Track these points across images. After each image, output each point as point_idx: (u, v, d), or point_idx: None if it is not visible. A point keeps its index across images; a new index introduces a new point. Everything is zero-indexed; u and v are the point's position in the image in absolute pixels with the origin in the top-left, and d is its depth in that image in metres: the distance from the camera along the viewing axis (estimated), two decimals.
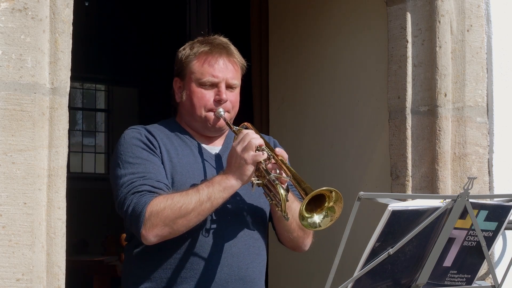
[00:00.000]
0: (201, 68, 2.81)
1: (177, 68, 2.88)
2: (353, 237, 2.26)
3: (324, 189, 2.44)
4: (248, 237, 2.78)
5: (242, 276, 2.74)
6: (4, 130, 2.54)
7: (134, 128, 2.81)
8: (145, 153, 2.73)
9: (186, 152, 2.80)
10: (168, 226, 2.59)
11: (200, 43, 2.87)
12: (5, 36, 2.56)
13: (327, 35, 4.38)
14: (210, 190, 2.59)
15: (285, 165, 2.61)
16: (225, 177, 2.62)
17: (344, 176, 4.16)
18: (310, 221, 2.46)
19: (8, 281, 2.52)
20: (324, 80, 4.40)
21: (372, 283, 2.33)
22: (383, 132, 3.80)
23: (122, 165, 2.71)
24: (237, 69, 2.86)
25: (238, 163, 2.60)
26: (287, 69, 4.69)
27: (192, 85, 2.81)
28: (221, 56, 2.82)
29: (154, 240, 2.61)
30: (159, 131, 2.82)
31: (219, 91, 2.79)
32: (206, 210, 2.60)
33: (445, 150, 3.56)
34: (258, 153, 2.60)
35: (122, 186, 2.67)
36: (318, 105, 4.42)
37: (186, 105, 2.84)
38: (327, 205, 2.46)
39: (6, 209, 2.53)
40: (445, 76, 3.58)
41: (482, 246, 2.46)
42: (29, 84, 2.58)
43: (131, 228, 2.66)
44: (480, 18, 3.71)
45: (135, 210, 2.61)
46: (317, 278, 4.05)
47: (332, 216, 2.46)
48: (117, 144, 2.78)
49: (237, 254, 2.74)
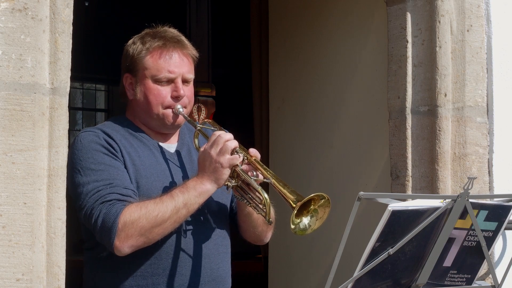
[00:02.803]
0: (156, 64, 2.72)
1: (128, 64, 2.78)
2: (353, 237, 2.26)
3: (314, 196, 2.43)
4: (217, 236, 2.73)
5: (215, 277, 2.70)
6: (4, 130, 2.54)
7: (90, 131, 2.69)
8: (107, 158, 2.62)
9: (147, 153, 2.71)
10: (144, 236, 2.51)
11: (152, 37, 2.77)
12: (5, 36, 2.55)
13: (327, 35, 4.38)
14: (185, 196, 2.53)
15: (262, 167, 2.57)
16: (199, 182, 2.55)
17: (344, 176, 4.17)
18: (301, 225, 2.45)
19: (8, 281, 2.52)
20: (324, 80, 4.40)
21: (372, 283, 2.33)
22: (383, 132, 3.80)
23: (83, 172, 2.60)
24: (191, 61, 2.79)
25: (213, 167, 2.53)
26: (287, 69, 4.69)
27: (147, 82, 2.72)
28: (175, 50, 2.74)
29: (128, 251, 2.53)
30: (116, 132, 2.71)
31: (176, 87, 2.72)
32: (182, 217, 2.54)
33: (445, 150, 3.56)
34: (234, 156, 2.54)
35: (87, 195, 2.57)
36: (318, 105, 4.42)
37: (141, 103, 2.75)
38: (312, 208, 2.45)
39: (6, 209, 2.53)
40: (445, 76, 3.58)
41: (482, 246, 2.46)
42: (29, 84, 2.58)
43: (102, 240, 2.56)
44: (480, 18, 3.71)
45: (106, 221, 2.51)
46: (317, 278, 4.05)
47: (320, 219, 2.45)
48: (72, 149, 2.65)
49: (208, 255, 2.69)
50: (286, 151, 4.61)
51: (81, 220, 2.62)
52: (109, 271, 2.67)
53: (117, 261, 2.61)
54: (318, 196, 2.43)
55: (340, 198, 3.99)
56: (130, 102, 2.81)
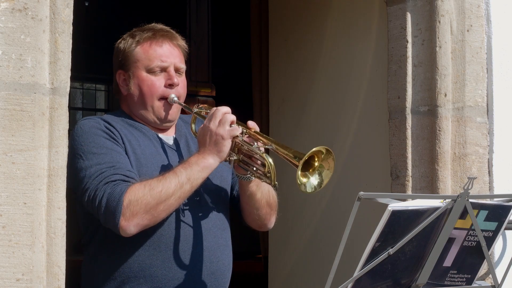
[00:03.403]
0: (147, 54, 2.74)
1: (119, 60, 2.80)
2: (353, 237, 2.26)
3: (315, 150, 2.43)
4: (216, 228, 2.73)
5: (214, 270, 2.69)
6: (4, 130, 2.54)
7: (89, 119, 2.71)
8: (108, 142, 2.63)
9: (147, 143, 2.73)
10: (149, 213, 2.50)
11: (141, 31, 2.80)
12: (5, 36, 2.55)
13: (327, 35, 4.38)
14: (188, 172, 2.52)
15: (262, 136, 2.57)
16: (201, 157, 2.55)
17: (344, 176, 4.16)
18: (309, 184, 2.45)
19: (8, 281, 2.52)
20: (324, 80, 4.40)
21: (372, 283, 2.33)
22: (383, 132, 3.80)
23: (85, 156, 2.60)
24: (182, 53, 2.80)
25: (214, 140, 2.54)
26: (287, 69, 4.68)
27: (140, 73, 2.74)
28: (165, 40, 2.76)
29: (134, 230, 2.51)
30: (116, 122, 2.73)
31: (169, 75, 2.73)
32: (186, 192, 2.53)
33: (445, 150, 3.55)
34: (234, 127, 2.55)
35: (90, 178, 2.56)
36: (318, 105, 4.42)
37: (136, 95, 2.76)
38: (318, 165, 2.45)
39: (6, 209, 2.53)
40: (445, 76, 3.58)
41: (482, 246, 2.45)
42: (29, 84, 2.58)
43: (107, 221, 2.54)
44: (480, 18, 3.71)
45: (110, 200, 2.50)
46: (317, 278, 4.05)
47: (327, 173, 2.46)
48: (73, 136, 2.66)
49: (208, 248, 2.68)
50: None
51: (85, 206, 2.61)
52: (106, 264, 2.67)
53: (115, 252, 2.62)
54: (318, 151, 2.43)
55: (340, 198, 3.99)
56: (124, 97, 2.82)
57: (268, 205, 2.74)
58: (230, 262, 2.79)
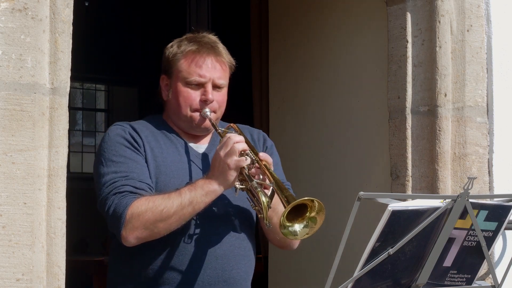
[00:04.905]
0: (188, 67, 2.77)
1: (164, 65, 2.85)
2: (353, 237, 2.25)
3: (306, 199, 2.43)
4: (234, 238, 2.75)
5: (226, 278, 2.72)
6: (4, 130, 2.54)
7: (119, 125, 2.77)
8: (128, 151, 2.70)
9: (171, 150, 2.77)
10: (148, 229, 2.57)
11: (188, 41, 2.83)
12: (5, 36, 2.55)
13: (327, 35, 4.38)
14: (192, 195, 2.57)
15: (268, 171, 2.59)
16: (208, 182, 2.59)
17: (344, 176, 4.17)
18: (291, 229, 2.45)
19: (8, 281, 2.52)
20: (324, 80, 4.40)
21: (372, 283, 2.33)
22: (383, 132, 3.80)
23: (105, 163, 2.69)
24: (225, 68, 2.84)
25: (221, 168, 2.57)
26: (287, 69, 4.68)
27: (179, 84, 2.78)
28: (208, 56, 2.79)
29: (134, 242, 2.60)
30: (145, 127, 2.79)
31: (205, 91, 2.77)
32: (187, 214, 2.58)
33: (445, 150, 3.56)
34: (241, 158, 2.57)
35: (104, 185, 2.66)
36: (318, 105, 4.42)
37: (172, 104, 2.81)
38: (308, 215, 2.46)
39: (6, 209, 2.53)
40: (445, 76, 3.58)
41: (482, 246, 2.45)
42: (29, 84, 2.58)
43: (112, 229, 2.65)
44: (480, 18, 3.71)
45: (116, 211, 2.59)
46: (317, 278, 4.05)
47: (312, 228, 2.45)
48: (101, 141, 2.76)
49: (222, 256, 2.71)
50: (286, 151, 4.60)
51: (98, 208, 2.70)
52: (125, 260, 2.74)
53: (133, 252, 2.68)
54: (310, 200, 2.43)
55: (340, 198, 3.99)
56: (165, 103, 2.88)
57: None
58: (248, 272, 2.83)
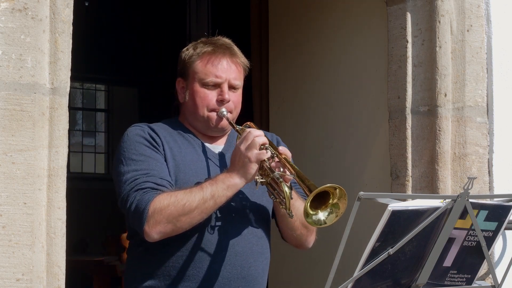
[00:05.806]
0: (204, 68, 2.82)
1: (180, 68, 2.90)
2: (353, 237, 2.26)
3: (328, 186, 2.46)
4: (252, 235, 2.79)
5: (245, 275, 2.75)
6: (4, 130, 2.54)
7: (137, 126, 2.82)
8: (148, 150, 2.75)
9: (189, 150, 2.82)
10: (171, 223, 2.60)
11: (204, 44, 2.89)
12: (5, 36, 2.56)
13: (327, 35, 4.38)
14: (213, 188, 2.61)
15: (288, 163, 2.62)
16: (229, 176, 2.63)
17: (344, 176, 4.16)
18: (315, 218, 2.48)
19: (8, 281, 2.52)
20: (324, 80, 4.40)
21: (372, 283, 2.33)
22: (383, 132, 3.80)
23: (125, 162, 2.73)
24: (240, 70, 2.88)
25: (242, 161, 2.61)
26: (287, 69, 4.69)
27: (195, 85, 2.82)
28: (224, 57, 2.84)
29: (157, 237, 2.63)
30: (162, 129, 2.84)
31: (221, 91, 2.81)
32: (209, 208, 2.62)
33: (445, 150, 3.56)
34: (261, 151, 2.61)
35: (125, 183, 2.69)
36: (318, 105, 4.42)
37: (189, 105, 2.85)
38: (331, 202, 2.48)
39: (6, 209, 2.53)
40: (445, 76, 3.58)
41: (482, 246, 2.45)
42: (29, 84, 2.58)
43: (134, 225, 2.67)
44: (480, 18, 3.71)
45: (138, 207, 2.62)
46: (317, 277, 4.05)
47: (337, 212, 2.48)
48: (120, 141, 2.80)
49: (241, 253, 2.74)
50: None
51: (119, 207, 2.72)
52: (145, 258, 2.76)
53: (152, 250, 2.71)
54: (332, 187, 2.46)
55: None
56: (181, 105, 2.92)
57: (303, 226, 2.79)
58: (265, 270, 2.85)
